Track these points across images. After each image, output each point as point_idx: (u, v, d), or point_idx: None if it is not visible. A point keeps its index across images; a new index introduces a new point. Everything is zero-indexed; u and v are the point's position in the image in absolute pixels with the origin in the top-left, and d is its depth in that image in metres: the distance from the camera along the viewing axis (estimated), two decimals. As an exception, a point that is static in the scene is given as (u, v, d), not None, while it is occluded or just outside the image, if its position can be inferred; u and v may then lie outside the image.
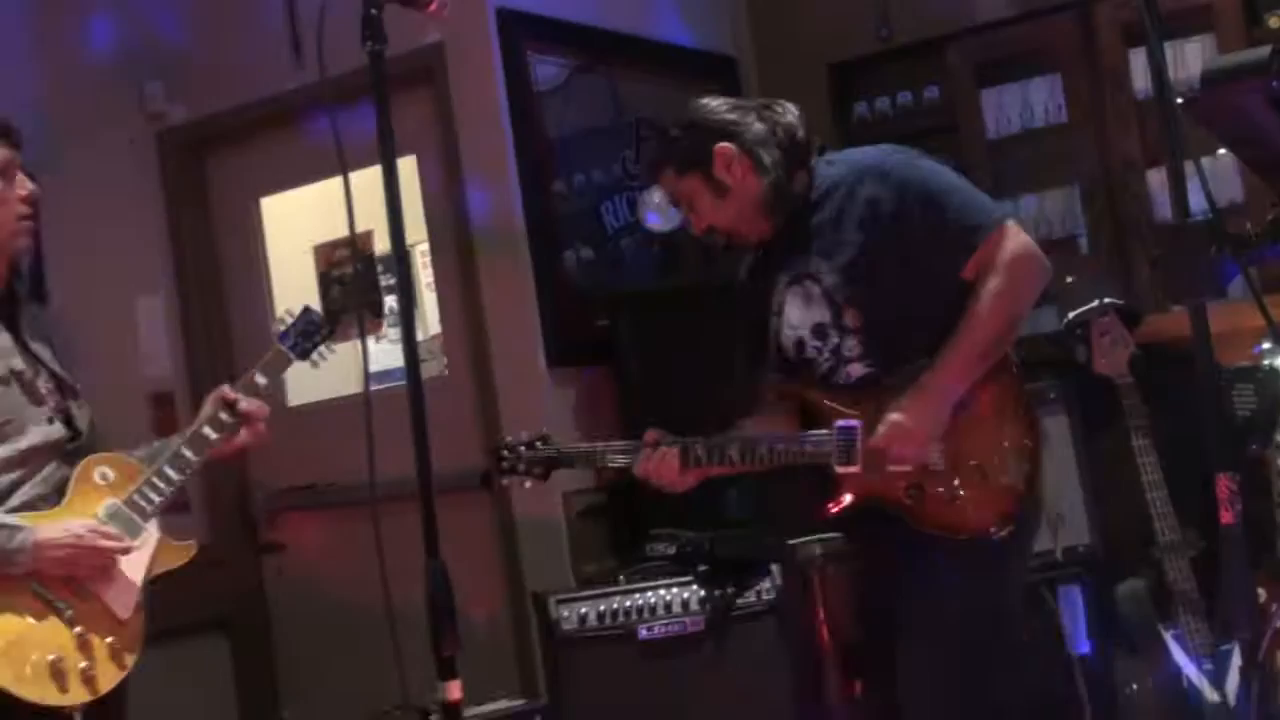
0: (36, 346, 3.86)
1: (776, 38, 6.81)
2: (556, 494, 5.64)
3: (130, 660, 3.73)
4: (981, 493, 3.64)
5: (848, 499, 3.71)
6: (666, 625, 4.88)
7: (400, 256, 3.17)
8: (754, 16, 6.92)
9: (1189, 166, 2.69)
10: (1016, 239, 3.63)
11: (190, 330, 6.51)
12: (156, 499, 3.80)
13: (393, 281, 6.29)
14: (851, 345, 3.73)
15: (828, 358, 3.79)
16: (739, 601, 4.90)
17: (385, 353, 6.32)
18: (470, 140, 5.80)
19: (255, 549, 6.40)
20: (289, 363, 4.04)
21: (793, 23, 6.72)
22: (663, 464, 3.80)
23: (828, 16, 6.64)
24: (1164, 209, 5.88)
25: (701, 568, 4.95)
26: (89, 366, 4.21)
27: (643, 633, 4.87)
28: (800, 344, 3.83)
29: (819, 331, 3.78)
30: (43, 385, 3.83)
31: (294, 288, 6.47)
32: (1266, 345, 4.70)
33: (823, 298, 3.75)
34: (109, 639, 3.70)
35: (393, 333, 6.33)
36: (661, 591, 4.92)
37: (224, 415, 3.85)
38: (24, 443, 3.75)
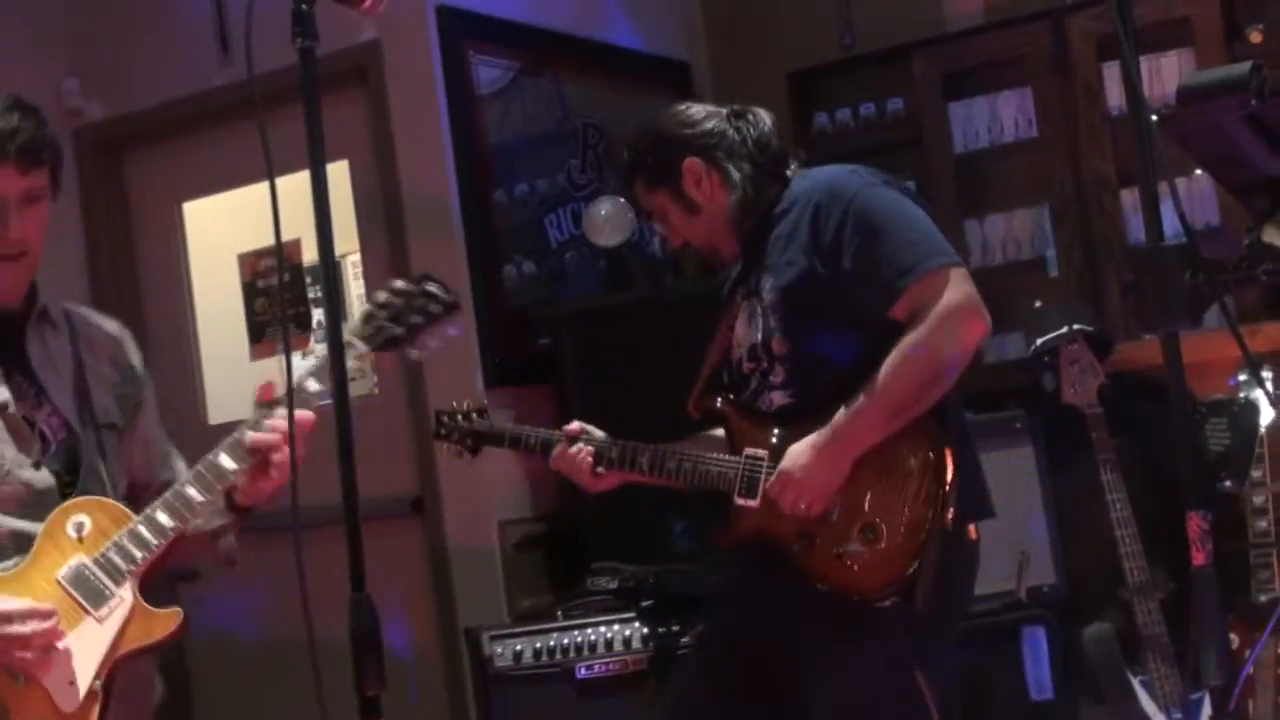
0: (43, 370, 3.50)
1: (733, 43, 6.84)
2: (492, 523, 5.66)
3: None
4: (872, 555, 3.54)
5: (742, 530, 3.69)
6: (607, 664, 4.86)
7: (328, 267, 3.12)
8: (710, 21, 6.96)
9: (1163, 187, 2.70)
10: (956, 289, 3.49)
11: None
12: (139, 555, 3.33)
13: (320, 294, 6.30)
14: (778, 373, 3.69)
15: (756, 381, 3.75)
16: (684, 640, 4.87)
17: (301, 371, 6.36)
18: (407, 145, 5.81)
19: (169, 577, 6.37)
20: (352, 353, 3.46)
21: (751, 28, 6.74)
22: (577, 459, 3.81)
23: (788, 22, 6.67)
24: (1138, 231, 5.93)
25: (645, 604, 4.95)
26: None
27: (581, 671, 4.86)
28: (739, 362, 3.81)
29: (753, 352, 3.74)
30: (43, 422, 3.46)
31: (217, 297, 6.48)
32: (1242, 377, 4.74)
33: (760, 318, 3.72)
34: None
35: (320, 348, 6.32)
36: (602, 628, 4.90)
37: (252, 435, 3.40)
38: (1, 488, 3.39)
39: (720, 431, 3.83)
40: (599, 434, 3.87)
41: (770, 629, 3.67)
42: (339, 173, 5.83)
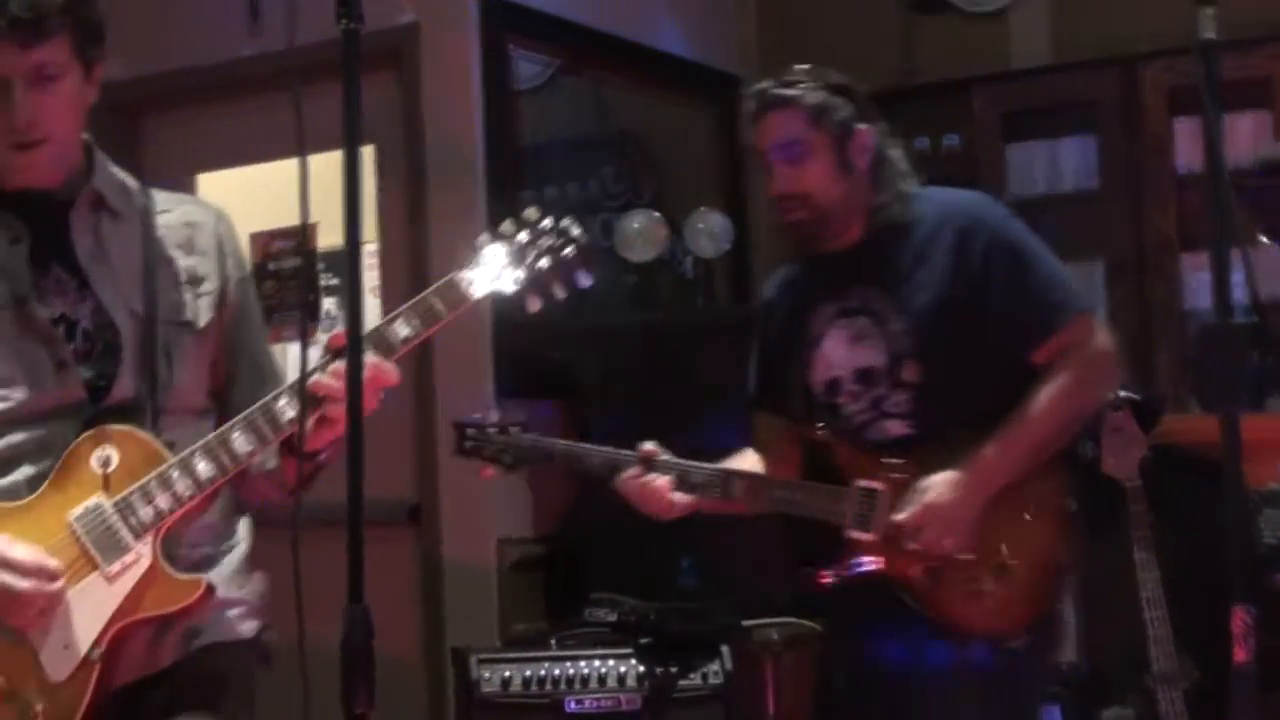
0: (99, 270, 3.20)
1: (787, 60, 6.81)
2: (491, 539, 5.67)
3: None
4: (1005, 594, 3.55)
5: (854, 568, 3.62)
6: (598, 700, 4.84)
7: (354, 255, 3.03)
8: (763, 34, 6.95)
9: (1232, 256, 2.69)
10: (1103, 336, 3.63)
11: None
12: (167, 506, 3.03)
13: (334, 282, 6.30)
14: (899, 401, 3.65)
15: (864, 408, 3.70)
16: (681, 683, 4.87)
17: (314, 360, 6.35)
18: (437, 135, 5.81)
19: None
20: (466, 300, 3.18)
21: (806, 45, 6.70)
22: (651, 486, 3.69)
23: (846, 42, 6.64)
24: (1197, 297, 5.92)
25: (643, 640, 4.92)
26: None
27: (570, 705, 4.83)
28: (834, 385, 3.75)
29: (864, 377, 3.69)
30: (86, 320, 3.16)
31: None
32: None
33: (881, 341, 3.67)
34: (36, 706, 3.01)
35: (325, 338, 6.31)
36: (596, 662, 4.87)
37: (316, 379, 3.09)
38: (14, 397, 3.11)
39: (771, 454, 3.86)
40: (672, 457, 3.75)
41: (899, 684, 3.65)
42: (363, 158, 5.84)
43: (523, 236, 3.15)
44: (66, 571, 2.99)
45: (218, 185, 6.48)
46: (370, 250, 6.19)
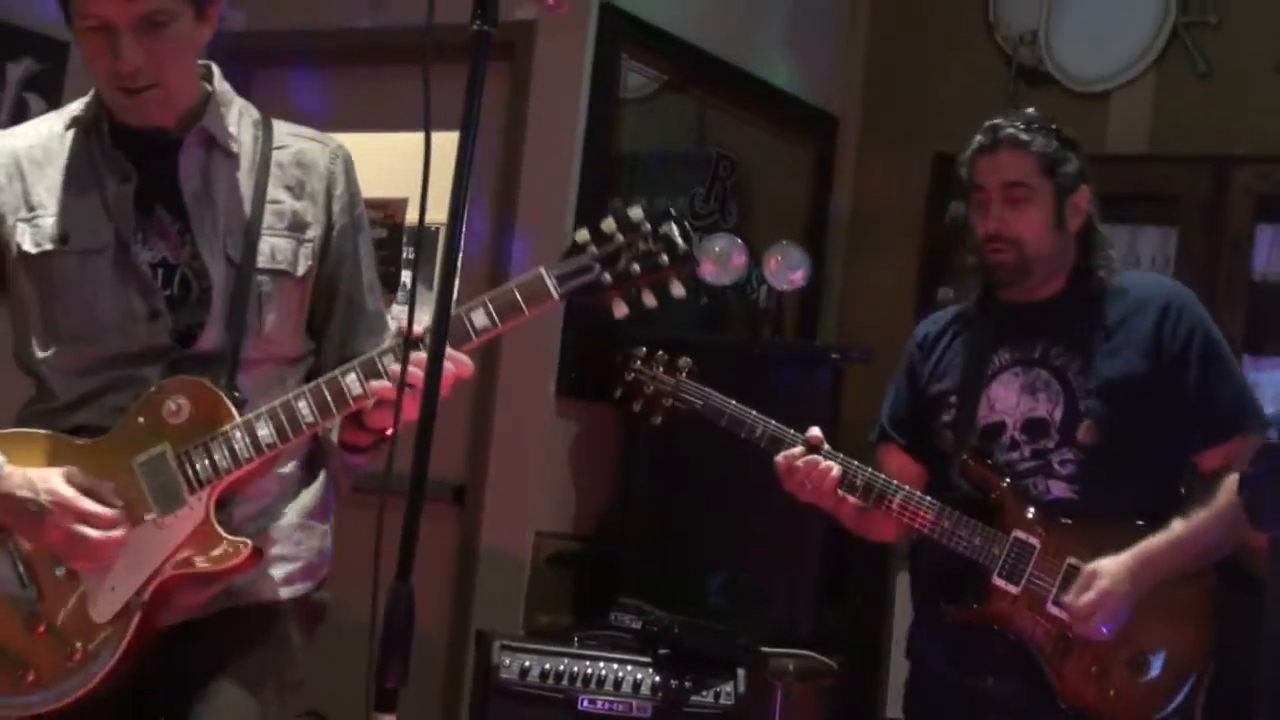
0: (203, 212, 3.17)
1: (888, 109, 6.83)
2: (529, 530, 5.68)
3: (91, 681, 3.01)
4: (1135, 687, 3.48)
5: (989, 611, 3.57)
6: (611, 702, 4.86)
7: (453, 242, 2.98)
8: (869, 80, 6.94)
9: None
10: None
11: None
12: (225, 465, 3.03)
13: (412, 256, 6.34)
14: (1066, 459, 3.59)
15: (1029, 459, 3.65)
16: (693, 698, 4.88)
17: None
18: (538, 130, 5.82)
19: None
20: (548, 298, 3.05)
21: (909, 98, 6.74)
22: (819, 471, 3.61)
23: (948, 102, 6.64)
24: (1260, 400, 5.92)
25: (663, 651, 4.94)
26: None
27: (583, 703, 4.85)
28: (998, 429, 3.68)
29: (1034, 427, 3.63)
30: (185, 265, 3.15)
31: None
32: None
33: (1060, 396, 3.62)
34: (72, 645, 3.05)
35: (397, 309, 6.34)
36: (615, 665, 4.89)
37: (386, 361, 3.02)
38: (107, 341, 3.14)
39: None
40: (836, 453, 3.67)
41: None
42: (454, 140, 5.87)
43: (620, 238, 2.99)
44: (124, 515, 3.02)
45: (319, 146, 6.55)
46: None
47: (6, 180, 3.16)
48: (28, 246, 3.12)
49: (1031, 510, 3.57)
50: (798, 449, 3.65)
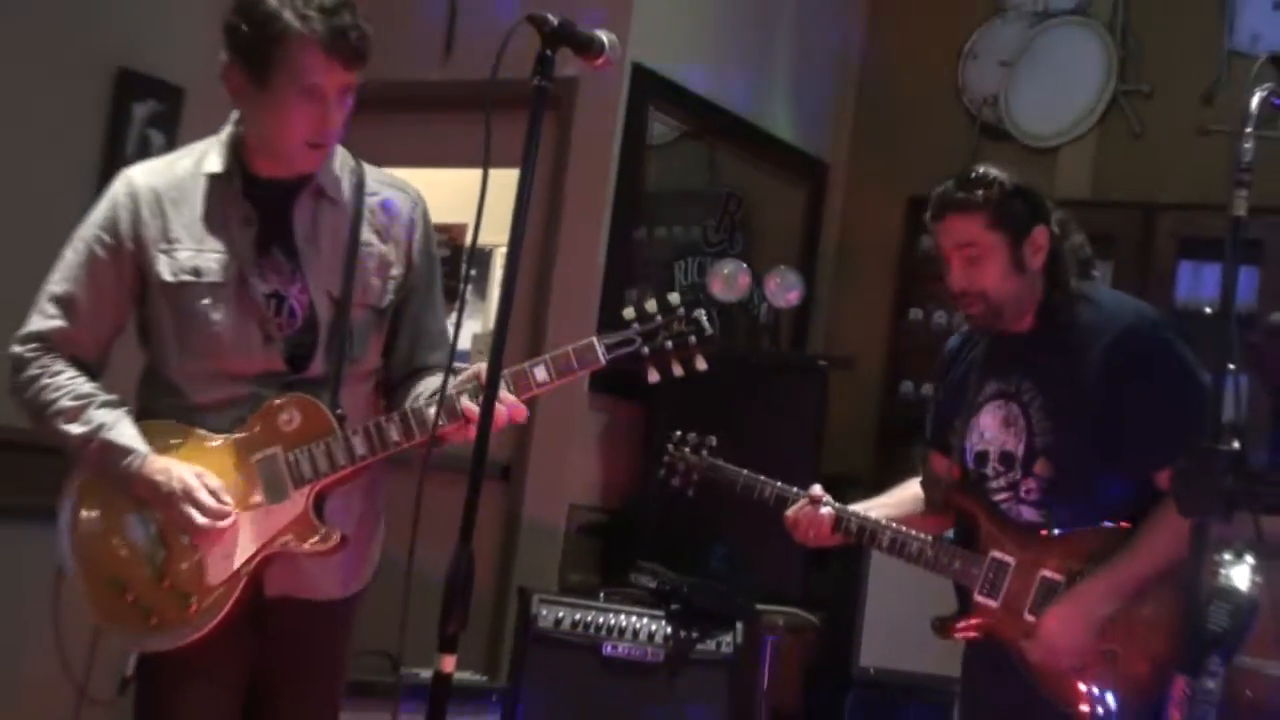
0: (307, 247, 3.24)
1: (870, 158, 6.83)
2: (563, 504, 5.69)
3: (200, 630, 3.15)
4: (1103, 677, 3.29)
5: (975, 625, 3.47)
6: (629, 648, 4.89)
7: (512, 263, 3.00)
8: (856, 134, 6.94)
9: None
10: None
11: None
12: (324, 469, 3.16)
13: (473, 273, 6.37)
14: (1031, 489, 3.42)
15: (1004, 487, 3.47)
16: (699, 647, 4.91)
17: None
18: (578, 168, 5.83)
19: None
20: (597, 363, 3.16)
21: (890, 150, 6.75)
22: (815, 519, 3.57)
23: (922, 153, 6.65)
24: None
25: (674, 607, 4.96)
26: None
27: (606, 649, 4.88)
28: (982, 458, 3.50)
29: (1006, 459, 3.46)
30: (295, 299, 3.23)
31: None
32: (1227, 557, 4.71)
33: (1024, 431, 3.43)
34: (190, 599, 3.17)
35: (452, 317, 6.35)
36: (633, 617, 4.92)
37: (466, 405, 3.08)
38: (228, 359, 3.22)
39: (880, 501, 3.71)
40: (833, 501, 3.62)
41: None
42: (511, 176, 5.89)
43: (659, 318, 3.13)
44: (241, 497, 3.16)
45: (393, 179, 6.57)
46: (501, 251, 6.24)
47: (150, 216, 3.21)
48: (166, 276, 3.18)
49: (1006, 532, 3.44)
50: (802, 503, 3.62)
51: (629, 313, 3.15)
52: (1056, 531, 3.40)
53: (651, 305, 3.15)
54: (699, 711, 4.89)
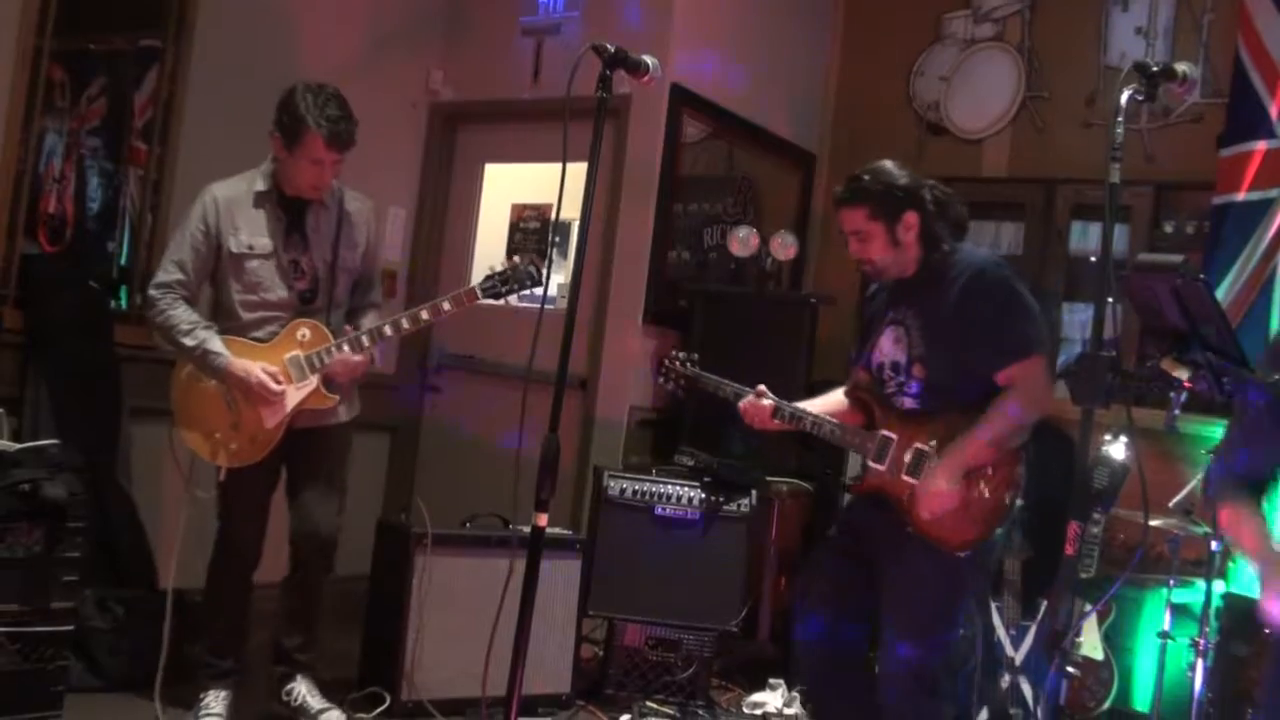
0: (313, 237, 3.96)
1: (846, 150, 6.78)
2: (625, 406, 5.68)
3: (261, 454, 3.92)
4: (958, 521, 3.33)
5: (869, 483, 3.49)
6: (675, 510, 4.87)
7: (584, 231, 3.06)
8: (836, 132, 6.87)
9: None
10: (1045, 374, 3.33)
11: (419, 234, 6.56)
12: (326, 361, 3.89)
13: (556, 240, 6.34)
14: (912, 387, 3.45)
15: (893, 387, 3.50)
16: (725, 508, 4.89)
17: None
18: (633, 161, 5.79)
19: (422, 386, 6.46)
20: (474, 298, 3.83)
21: (857, 143, 6.69)
22: (759, 408, 3.61)
23: (881, 146, 6.54)
24: (1071, 330, 5.90)
25: (707, 479, 4.94)
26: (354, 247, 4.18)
27: (658, 510, 4.87)
28: (882, 366, 3.54)
29: (895, 366, 3.49)
30: (303, 261, 3.95)
31: (491, 225, 6.52)
32: (1108, 437, 4.68)
33: (906, 345, 3.46)
34: (253, 435, 3.90)
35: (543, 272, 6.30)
36: (677, 487, 4.89)
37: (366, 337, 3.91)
38: (269, 297, 3.93)
39: (814, 401, 3.68)
40: (772, 396, 3.64)
41: (875, 530, 3.49)
42: (583, 168, 5.87)
43: (506, 270, 3.85)
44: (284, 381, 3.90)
45: (496, 171, 6.55)
46: (576, 224, 6.20)
47: (222, 212, 3.93)
48: (234, 249, 3.92)
49: (891, 416, 3.49)
50: (751, 397, 3.66)
51: (492, 267, 3.88)
52: (923, 418, 3.44)
53: (500, 264, 3.87)
54: (725, 554, 4.86)
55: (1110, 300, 2.52)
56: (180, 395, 3.95)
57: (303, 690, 4.17)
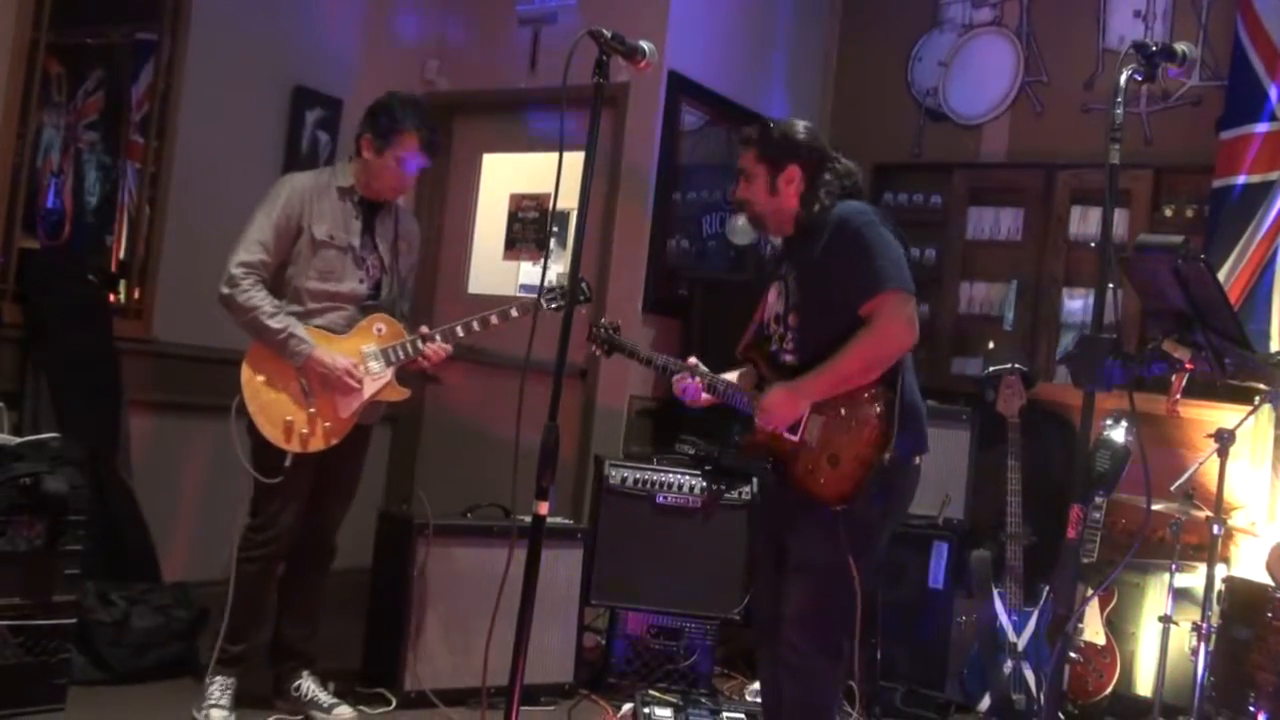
0: (380, 240, 4.11)
1: (845, 133, 6.76)
2: (625, 395, 5.67)
3: (335, 440, 4.01)
4: (830, 476, 3.30)
5: (755, 441, 3.48)
6: (676, 498, 4.88)
7: (581, 219, 3.07)
8: (836, 116, 6.87)
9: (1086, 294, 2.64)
10: (899, 308, 3.24)
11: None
12: (402, 356, 4.02)
13: (555, 229, 6.33)
14: (789, 339, 3.44)
15: (776, 341, 3.50)
16: (726, 496, 4.89)
17: (527, 273, 6.50)
18: (631, 149, 5.78)
19: (423, 377, 6.45)
20: (540, 309, 3.78)
21: (857, 127, 6.68)
22: (689, 383, 3.59)
23: (882, 130, 6.60)
24: (1069, 315, 5.89)
25: (708, 468, 4.94)
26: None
27: (660, 498, 4.87)
28: (767, 323, 3.56)
29: (776, 318, 3.50)
30: (370, 260, 4.08)
31: (490, 216, 6.51)
32: (1109, 421, 4.68)
33: (785, 297, 3.48)
34: (326, 423, 3.99)
35: (540, 262, 6.31)
36: (678, 475, 4.90)
37: (461, 330, 4.04)
38: (340, 288, 4.03)
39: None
40: (704, 369, 3.63)
41: (778, 509, 3.50)
42: (581, 157, 5.86)
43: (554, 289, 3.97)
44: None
45: (494, 161, 6.53)
46: (574, 214, 6.18)
47: (306, 199, 4.03)
48: (317, 234, 4.00)
49: (773, 372, 3.47)
50: (683, 373, 3.62)
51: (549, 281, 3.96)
52: (806, 369, 3.39)
53: (555, 278, 4.11)
54: (727, 542, 4.86)
55: (1111, 287, 2.49)
56: (251, 380, 3.94)
57: (311, 685, 4.19)
